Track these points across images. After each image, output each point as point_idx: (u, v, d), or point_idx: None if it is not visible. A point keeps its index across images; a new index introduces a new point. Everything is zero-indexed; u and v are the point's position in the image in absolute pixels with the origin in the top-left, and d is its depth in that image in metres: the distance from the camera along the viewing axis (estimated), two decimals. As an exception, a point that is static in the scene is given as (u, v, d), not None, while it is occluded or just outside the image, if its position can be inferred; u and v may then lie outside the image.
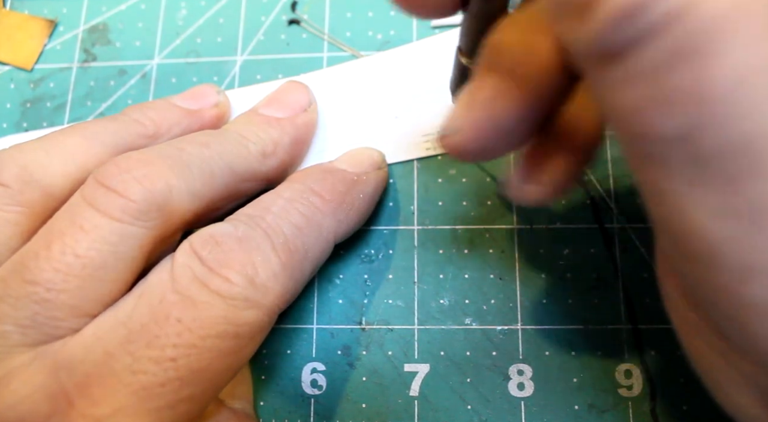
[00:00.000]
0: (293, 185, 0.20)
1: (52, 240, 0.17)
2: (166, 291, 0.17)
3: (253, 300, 0.17)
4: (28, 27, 0.28)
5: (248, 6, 0.27)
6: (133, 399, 0.16)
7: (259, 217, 0.19)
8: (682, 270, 0.13)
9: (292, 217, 0.19)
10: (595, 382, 0.22)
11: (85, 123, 0.21)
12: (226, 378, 0.17)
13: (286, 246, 0.18)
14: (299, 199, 0.20)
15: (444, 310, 0.23)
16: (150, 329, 0.16)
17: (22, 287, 0.16)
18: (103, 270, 0.17)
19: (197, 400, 0.17)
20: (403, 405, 0.22)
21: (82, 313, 0.17)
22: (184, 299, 0.16)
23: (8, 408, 0.16)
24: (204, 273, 0.17)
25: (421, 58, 0.25)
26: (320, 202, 0.20)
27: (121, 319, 0.16)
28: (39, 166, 0.19)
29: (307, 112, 0.23)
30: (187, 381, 0.16)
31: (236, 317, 0.17)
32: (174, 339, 0.16)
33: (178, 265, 0.17)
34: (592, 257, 0.23)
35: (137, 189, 0.17)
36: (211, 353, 0.16)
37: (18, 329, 0.16)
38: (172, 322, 0.16)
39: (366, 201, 0.22)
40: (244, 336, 0.17)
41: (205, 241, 0.17)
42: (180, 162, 0.19)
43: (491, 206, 0.24)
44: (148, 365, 0.16)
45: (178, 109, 0.23)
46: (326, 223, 0.20)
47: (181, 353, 0.16)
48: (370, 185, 0.22)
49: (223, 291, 0.17)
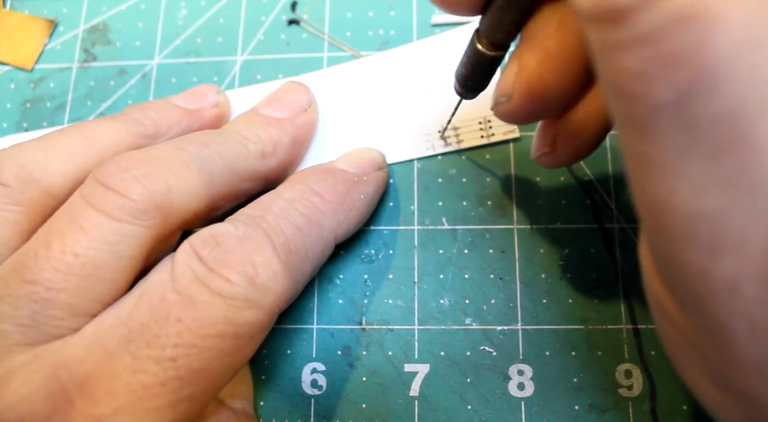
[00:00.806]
0: (294, 185, 0.20)
1: (52, 240, 0.17)
2: (166, 290, 0.17)
3: (253, 301, 0.17)
4: (28, 27, 0.28)
5: (248, 6, 0.27)
6: (133, 399, 0.16)
7: (260, 217, 0.19)
8: (655, 245, 0.13)
9: (293, 218, 0.19)
10: (595, 382, 0.22)
11: (85, 122, 0.21)
12: (227, 377, 0.17)
13: (286, 247, 0.18)
14: (300, 200, 0.20)
15: (444, 310, 0.23)
16: (150, 328, 0.16)
17: (21, 286, 0.16)
18: (103, 270, 0.17)
19: (197, 399, 0.17)
20: (403, 405, 0.22)
21: (82, 313, 0.17)
22: (184, 299, 0.16)
23: (8, 408, 0.16)
24: (204, 273, 0.17)
25: (420, 57, 0.25)
26: (321, 203, 0.20)
27: (122, 319, 0.16)
28: (38, 165, 0.19)
29: (307, 112, 0.23)
30: (187, 381, 0.16)
31: (236, 317, 0.17)
32: (174, 338, 0.16)
33: (178, 265, 0.17)
34: (592, 257, 0.23)
35: (137, 188, 0.17)
36: (211, 353, 0.16)
37: (17, 328, 0.16)
38: (172, 322, 0.16)
39: (366, 201, 0.22)
40: (244, 336, 0.17)
41: (205, 241, 0.17)
42: (180, 161, 0.19)
43: (491, 206, 0.24)
44: (148, 364, 0.16)
45: (178, 108, 0.23)
46: (327, 224, 0.20)
47: (182, 353, 0.16)
48: (371, 186, 0.22)
49: (224, 292, 0.17)
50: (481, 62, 0.18)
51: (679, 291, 0.12)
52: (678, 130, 0.10)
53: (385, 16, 0.27)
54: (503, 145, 0.24)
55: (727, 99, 0.10)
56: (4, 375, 0.16)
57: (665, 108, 0.10)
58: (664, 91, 0.10)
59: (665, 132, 0.11)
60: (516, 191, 0.24)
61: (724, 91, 0.10)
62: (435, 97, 0.25)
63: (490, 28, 0.17)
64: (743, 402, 0.12)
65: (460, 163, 0.24)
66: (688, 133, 0.10)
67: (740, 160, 0.10)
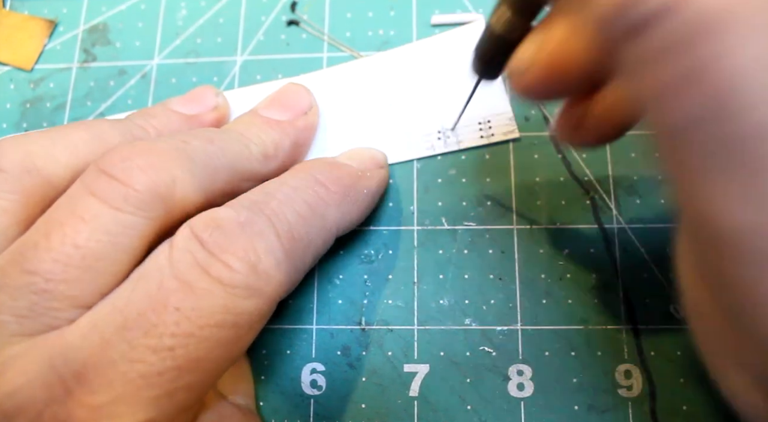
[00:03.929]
0: (299, 174, 0.20)
1: (52, 230, 0.16)
2: (164, 276, 0.16)
3: (254, 288, 0.17)
4: (28, 27, 0.28)
5: (248, 6, 0.27)
6: (130, 388, 0.15)
7: (263, 203, 0.18)
8: (702, 254, 0.13)
9: (297, 205, 0.19)
10: (595, 382, 0.22)
11: (92, 121, 0.21)
12: (224, 366, 0.17)
13: (290, 234, 0.18)
14: (304, 188, 0.20)
15: (444, 310, 0.23)
16: (148, 317, 0.16)
17: (20, 277, 0.16)
18: (103, 262, 0.16)
19: (195, 389, 0.16)
20: (403, 405, 0.22)
21: (81, 304, 0.16)
22: (183, 286, 0.16)
23: (5, 397, 0.15)
24: (204, 258, 0.16)
25: (420, 58, 0.25)
26: (325, 193, 0.20)
27: (118, 306, 0.16)
28: (43, 153, 0.19)
29: (308, 115, 0.23)
30: (185, 370, 0.16)
31: (236, 306, 0.16)
32: (172, 328, 0.16)
33: (177, 249, 0.17)
34: (592, 257, 0.23)
35: (141, 178, 0.17)
36: (209, 342, 0.16)
37: (15, 319, 0.16)
38: (170, 311, 0.16)
39: (369, 197, 0.22)
40: (243, 326, 0.17)
41: (206, 224, 0.17)
42: (184, 154, 0.18)
43: (491, 206, 0.24)
44: (145, 354, 0.16)
45: (177, 115, 0.23)
46: (330, 215, 0.20)
47: (179, 342, 0.16)
48: (374, 182, 0.22)
49: (224, 279, 0.16)
50: (496, 43, 0.17)
51: (726, 300, 0.12)
52: (714, 145, 0.10)
53: (384, 16, 0.27)
54: (503, 145, 0.24)
55: (753, 119, 0.09)
56: (1, 365, 0.16)
57: (694, 125, 0.10)
58: (689, 109, 0.10)
59: (703, 145, 0.10)
60: (516, 191, 0.24)
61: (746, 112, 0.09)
62: (435, 97, 0.25)
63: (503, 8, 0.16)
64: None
65: (460, 163, 0.24)
66: (724, 150, 0.10)
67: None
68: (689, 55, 0.10)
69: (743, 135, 0.10)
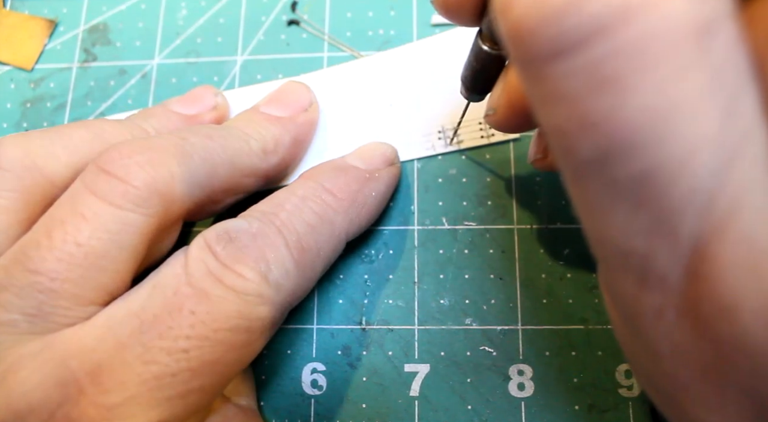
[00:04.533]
0: (306, 183, 0.21)
1: (53, 229, 0.17)
2: (180, 283, 0.17)
3: (266, 297, 0.17)
4: (28, 27, 0.28)
5: (248, 6, 0.27)
6: (144, 389, 0.16)
7: (273, 214, 0.19)
8: (601, 272, 0.14)
9: (306, 215, 0.19)
10: (595, 382, 0.22)
11: (93, 120, 0.21)
12: (236, 370, 0.17)
13: (299, 244, 0.18)
14: (312, 197, 0.20)
15: (444, 310, 0.23)
16: (163, 320, 0.16)
17: (25, 276, 0.16)
18: (105, 259, 0.17)
19: (207, 391, 0.17)
20: (404, 405, 0.22)
21: (87, 302, 0.17)
22: (198, 292, 0.16)
23: (19, 396, 0.16)
24: (218, 268, 0.17)
25: (421, 57, 0.25)
26: (333, 201, 0.20)
27: (134, 310, 0.16)
28: (43, 152, 0.19)
29: (308, 112, 0.24)
30: (198, 372, 0.16)
31: (249, 312, 0.17)
32: (187, 330, 0.16)
33: (192, 259, 0.17)
34: (592, 257, 0.23)
35: (139, 174, 0.17)
36: (223, 346, 0.16)
37: (25, 318, 0.16)
38: (185, 314, 0.16)
39: (378, 199, 0.22)
40: (256, 331, 0.17)
41: (219, 236, 0.18)
42: (183, 151, 0.19)
43: (491, 206, 0.24)
44: (160, 355, 0.16)
45: (176, 116, 0.23)
46: (338, 222, 0.20)
47: (194, 345, 0.16)
48: (383, 183, 0.22)
49: (237, 287, 0.17)
50: (486, 61, 0.18)
51: (621, 313, 0.14)
52: (604, 183, 0.11)
53: (385, 16, 0.27)
54: (503, 145, 0.24)
55: (641, 162, 0.10)
56: (14, 363, 0.16)
57: (590, 164, 0.11)
58: (586, 149, 0.11)
59: (595, 182, 0.11)
60: (516, 191, 0.24)
61: (638, 155, 0.10)
62: (435, 97, 0.25)
63: (492, 25, 0.17)
64: (669, 404, 0.14)
65: (460, 163, 0.24)
66: (612, 188, 0.11)
67: (657, 215, 0.11)
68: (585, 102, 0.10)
69: (631, 176, 0.10)
